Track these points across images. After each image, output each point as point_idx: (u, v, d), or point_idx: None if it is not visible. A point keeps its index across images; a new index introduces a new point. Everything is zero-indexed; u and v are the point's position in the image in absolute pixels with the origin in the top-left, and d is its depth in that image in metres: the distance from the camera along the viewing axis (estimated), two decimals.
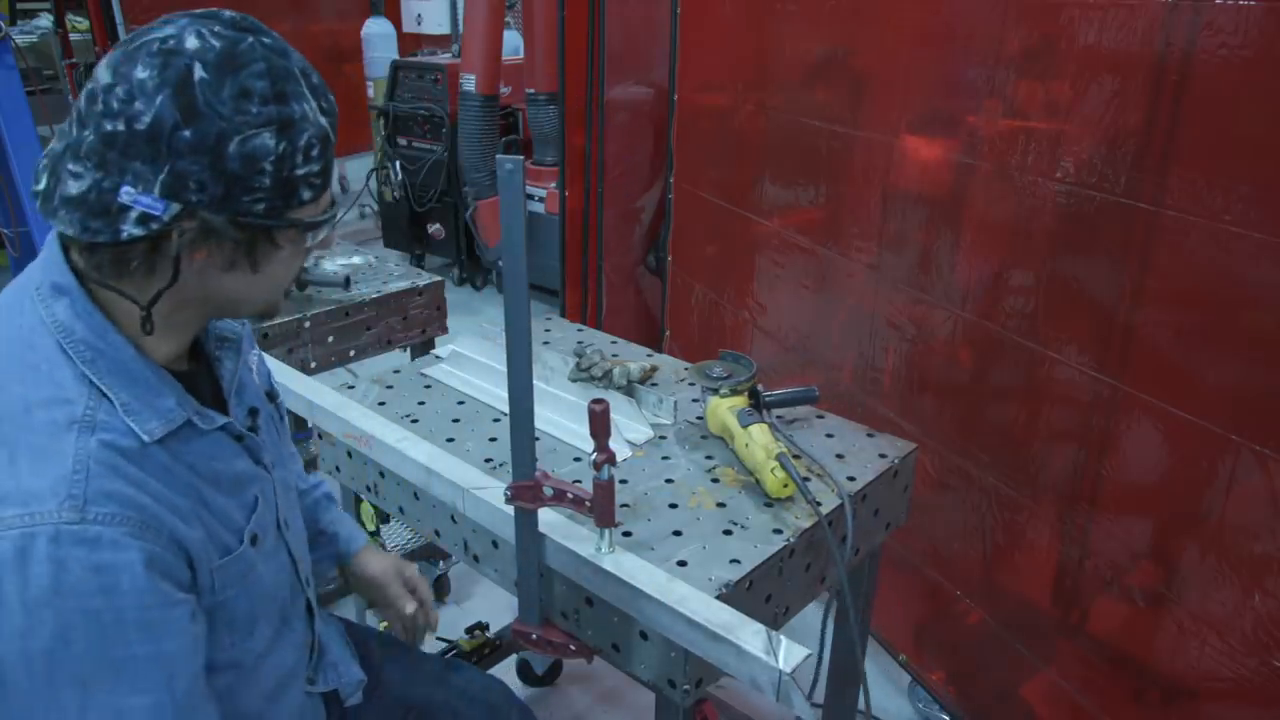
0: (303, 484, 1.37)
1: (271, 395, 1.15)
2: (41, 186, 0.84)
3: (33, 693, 0.80)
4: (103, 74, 0.82)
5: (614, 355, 1.84)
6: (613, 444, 1.38)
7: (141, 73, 0.80)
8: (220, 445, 0.98)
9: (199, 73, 0.80)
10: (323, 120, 0.87)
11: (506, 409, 1.21)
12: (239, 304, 0.96)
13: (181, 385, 0.94)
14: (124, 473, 0.85)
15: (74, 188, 0.82)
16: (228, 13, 0.86)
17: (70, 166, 0.82)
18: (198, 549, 0.91)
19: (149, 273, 0.86)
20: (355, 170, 6.43)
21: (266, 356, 1.25)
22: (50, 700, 0.81)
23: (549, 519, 1.29)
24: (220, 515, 0.96)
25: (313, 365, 2.13)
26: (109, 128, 0.80)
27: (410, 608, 1.39)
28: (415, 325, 2.32)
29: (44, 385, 0.85)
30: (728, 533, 1.31)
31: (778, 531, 1.31)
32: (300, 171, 0.85)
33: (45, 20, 6.61)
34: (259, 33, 0.85)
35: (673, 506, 1.37)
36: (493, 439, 1.56)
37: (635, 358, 1.83)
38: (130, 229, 0.81)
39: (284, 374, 1.67)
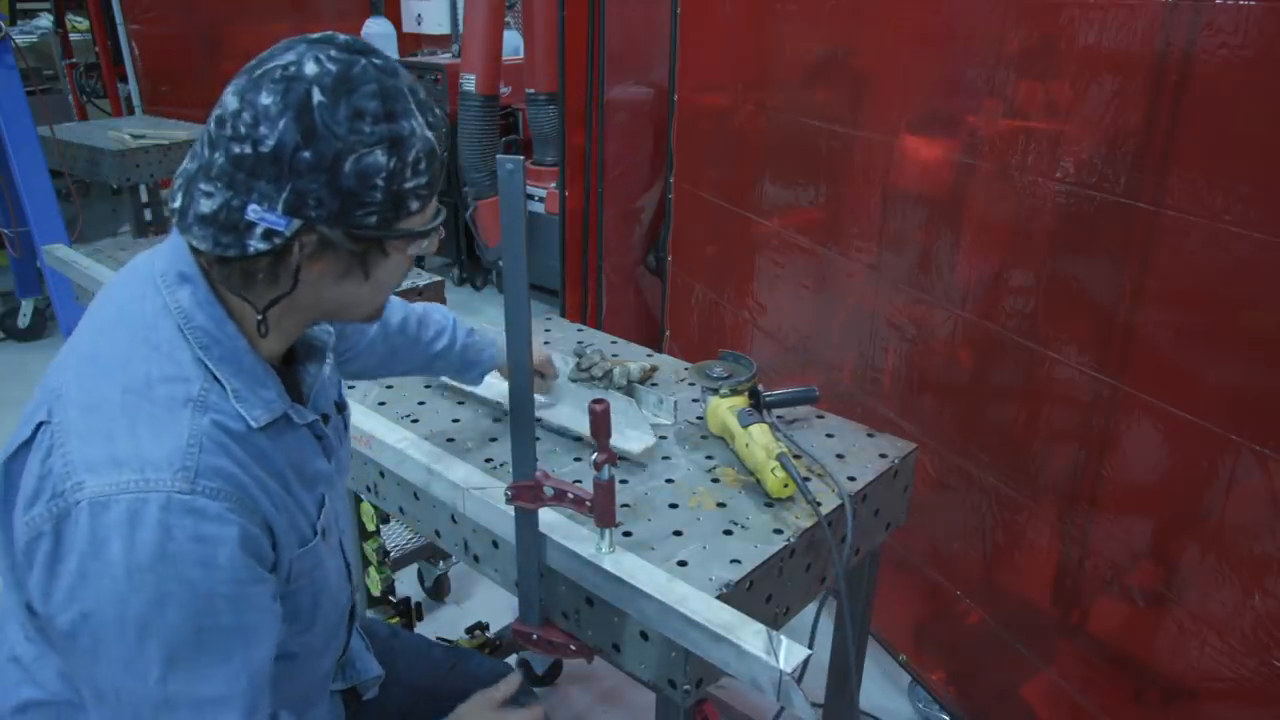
0: (426, 333, 1.46)
1: (340, 406, 1.19)
2: (177, 204, 0.91)
3: (121, 653, 0.85)
4: (230, 100, 0.87)
5: (614, 355, 1.84)
6: (635, 431, 1.40)
7: (266, 99, 0.85)
8: (305, 441, 1.05)
9: (317, 96, 0.85)
10: (429, 134, 0.91)
11: (508, 404, 1.21)
12: (349, 308, 1.01)
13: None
14: (230, 452, 0.91)
15: (206, 206, 0.88)
16: (342, 36, 0.91)
17: (202, 186, 0.88)
18: (282, 535, 0.97)
19: (271, 282, 0.93)
20: None
21: None
22: (136, 662, 0.85)
23: (549, 519, 1.29)
24: (300, 506, 1.02)
25: None
26: (237, 150, 0.86)
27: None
28: None
29: (165, 363, 0.91)
30: (728, 533, 1.31)
31: (778, 531, 1.31)
32: (409, 185, 0.90)
33: (45, 20, 6.61)
34: (370, 54, 0.90)
35: (673, 506, 1.37)
36: (493, 439, 1.56)
37: (635, 358, 1.83)
38: (256, 244, 0.88)
39: None
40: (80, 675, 0.91)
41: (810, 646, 1.05)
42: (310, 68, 0.86)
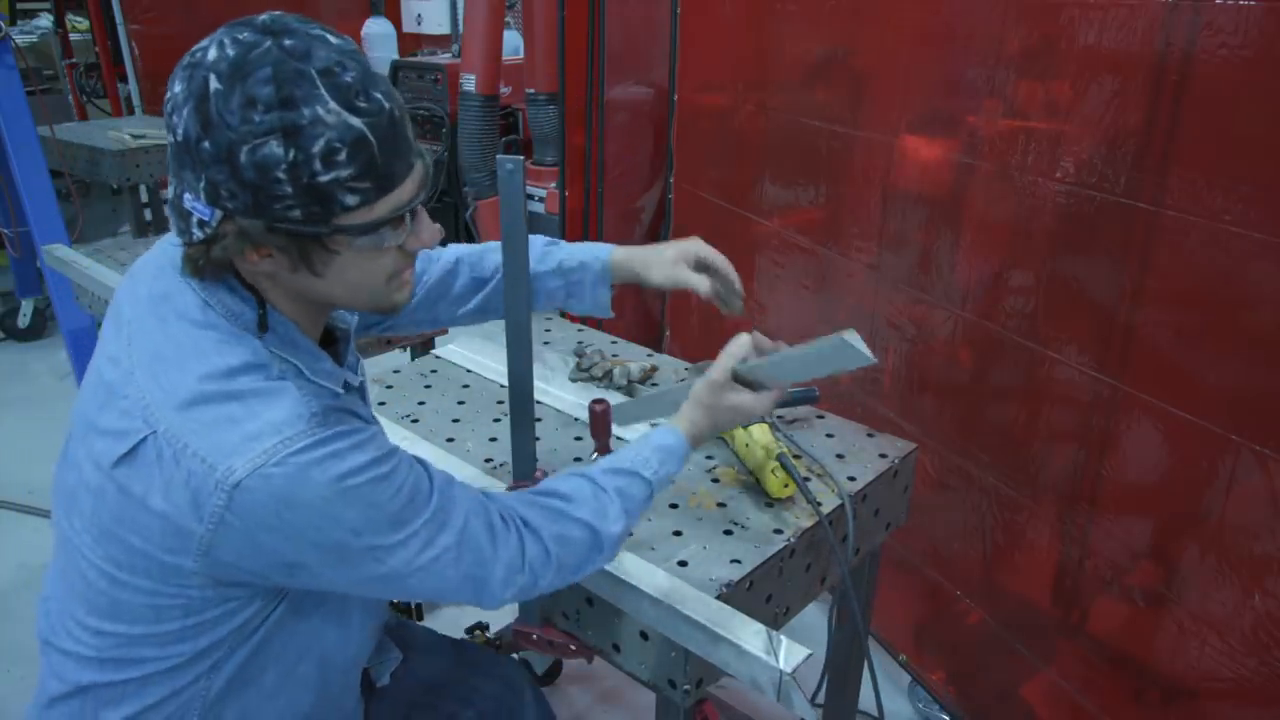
0: (489, 267, 1.40)
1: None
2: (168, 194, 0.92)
3: (373, 551, 0.92)
4: (168, 85, 0.87)
5: (614, 355, 1.84)
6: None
7: (177, 86, 0.85)
8: (358, 404, 1.06)
9: (214, 84, 0.82)
10: (354, 121, 0.84)
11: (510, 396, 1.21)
12: (333, 301, 0.99)
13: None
14: (332, 400, 0.96)
15: (168, 192, 0.90)
16: (261, 16, 0.87)
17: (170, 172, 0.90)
18: None
19: (222, 271, 0.93)
20: None
21: None
22: (387, 544, 0.93)
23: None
24: None
25: None
26: (168, 139, 0.87)
27: (706, 286, 1.36)
28: None
29: (235, 354, 0.92)
30: (728, 533, 1.31)
31: (778, 532, 1.31)
32: (324, 178, 0.84)
33: (45, 20, 6.61)
34: (284, 34, 0.85)
35: (673, 507, 1.37)
36: (493, 439, 1.56)
37: (635, 358, 1.83)
38: (196, 231, 0.88)
39: None
40: (334, 580, 0.96)
41: (827, 652, 1.04)
42: (212, 53, 0.83)
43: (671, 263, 1.35)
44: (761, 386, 1.20)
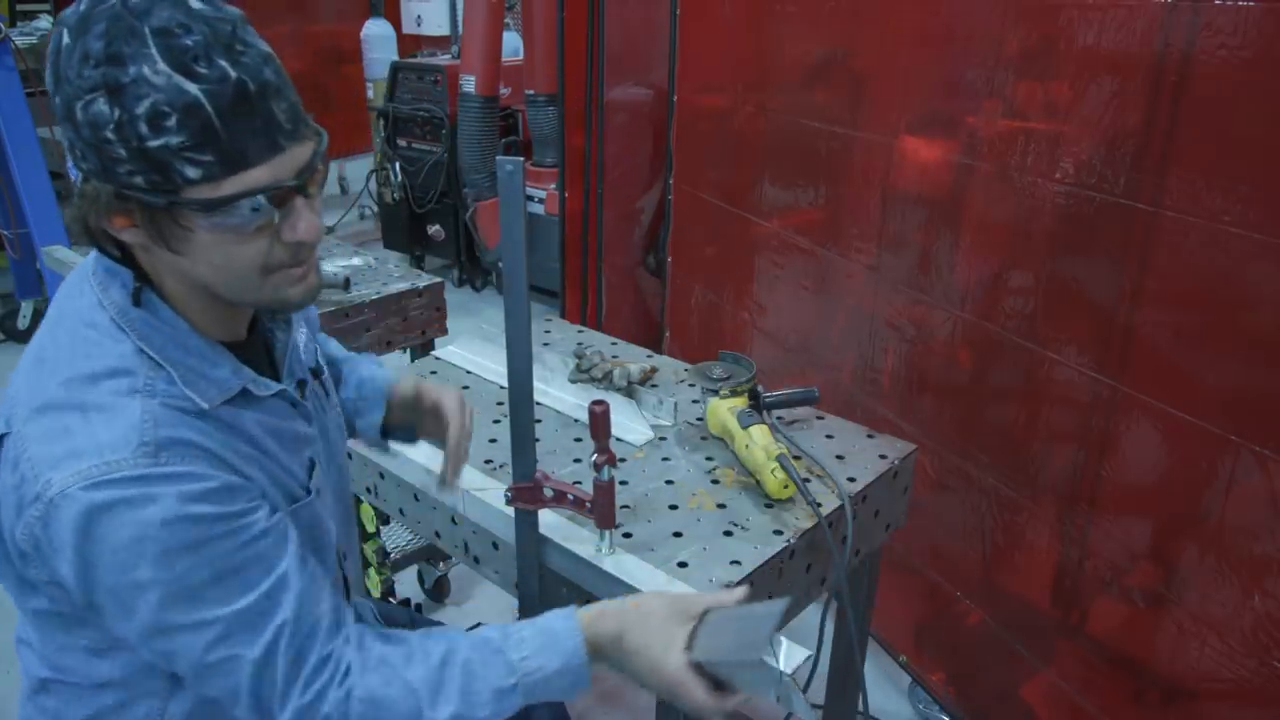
0: (341, 354, 1.37)
1: (315, 372, 1.16)
2: None
3: (151, 614, 0.87)
4: None
5: (614, 356, 1.84)
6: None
7: (53, 42, 0.83)
8: (279, 409, 1.02)
9: (64, 39, 0.81)
10: (187, 86, 0.78)
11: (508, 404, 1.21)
12: (214, 289, 0.92)
13: (236, 357, 0.98)
14: (188, 423, 0.90)
15: None
16: None
17: None
18: (266, 490, 0.96)
19: (102, 240, 0.91)
20: (355, 171, 6.44)
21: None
22: (167, 614, 0.87)
23: (549, 520, 1.29)
24: (283, 467, 1.01)
25: None
26: None
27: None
28: (415, 327, 2.32)
29: (107, 358, 0.90)
30: (728, 534, 1.31)
31: (778, 533, 1.31)
32: (153, 143, 0.79)
33: (45, 22, 6.59)
34: None
35: (673, 508, 1.37)
36: (493, 440, 1.56)
37: (635, 359, 1.83)
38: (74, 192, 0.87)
39: None
40: (127, 635, 0.92)
41: (818, 650, 1.03)
42: (70, 10, 0.82)
43: (413, 394, 1.28)
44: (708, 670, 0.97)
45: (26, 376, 0.93)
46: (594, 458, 1.18)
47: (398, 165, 5.09)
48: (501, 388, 1.67)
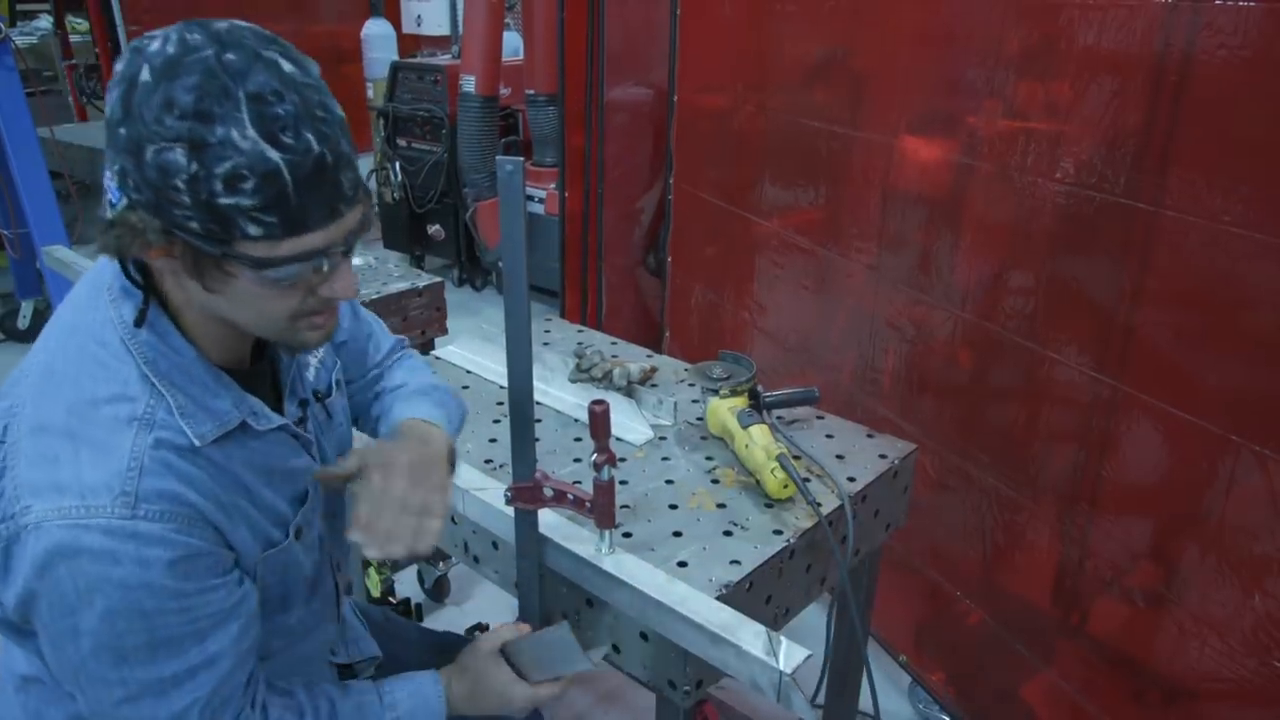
0: (391, 383, 1.34)
1: (320, 395, 1.15)
2: None
3: (76, 659, 0.90)
4: None
5: (614, 356, 1.84)
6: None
7: (119, 65, 0.84)
8: (277, 443, 1.02)
9: (144, 75, 0.80)
10: (270, 153, 0.79)
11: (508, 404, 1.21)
12: (235, 323, 0.94)
13: (241, 385, 0.98)
14: (176, 470, 0.90)
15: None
16: (223, 23, 0.84)
17: None
18: (241, 545, 0.97)
19: (126, 256, 0.89)
20: None
21: None
22: (90, 665, 0.90)
23: (549, 520, 1.29)
24: (267, 510, 1.01)
25: None
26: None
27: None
28: (415, 326, 2.32)
29: (111, 382, 0.91)
30: (728, 534, 1.31)
31: (778, 532, 1.31)
32: (225, 201, 0.80)
33: (45, 21, 6.62)
34: (232, 47, 0.81)
35: (673, 507, 1.37)
36: (493, 439, 1.56)
37: (635, 358, 1.83)
38: (107, 210, 0.86)
39: None
40: (51, 664, 0.95)
41: (825, 653, 1.04)
42: (155, 44, 0.82)
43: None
44: (528, 671, 1.20)
45: (34, 387, 0.93)
46: (594, 457, 1.18)
47: (398, 165, 5.09)
48: (501, 387, 1.67)
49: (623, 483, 1.42)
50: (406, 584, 2.61)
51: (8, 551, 0.87)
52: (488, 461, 1.48)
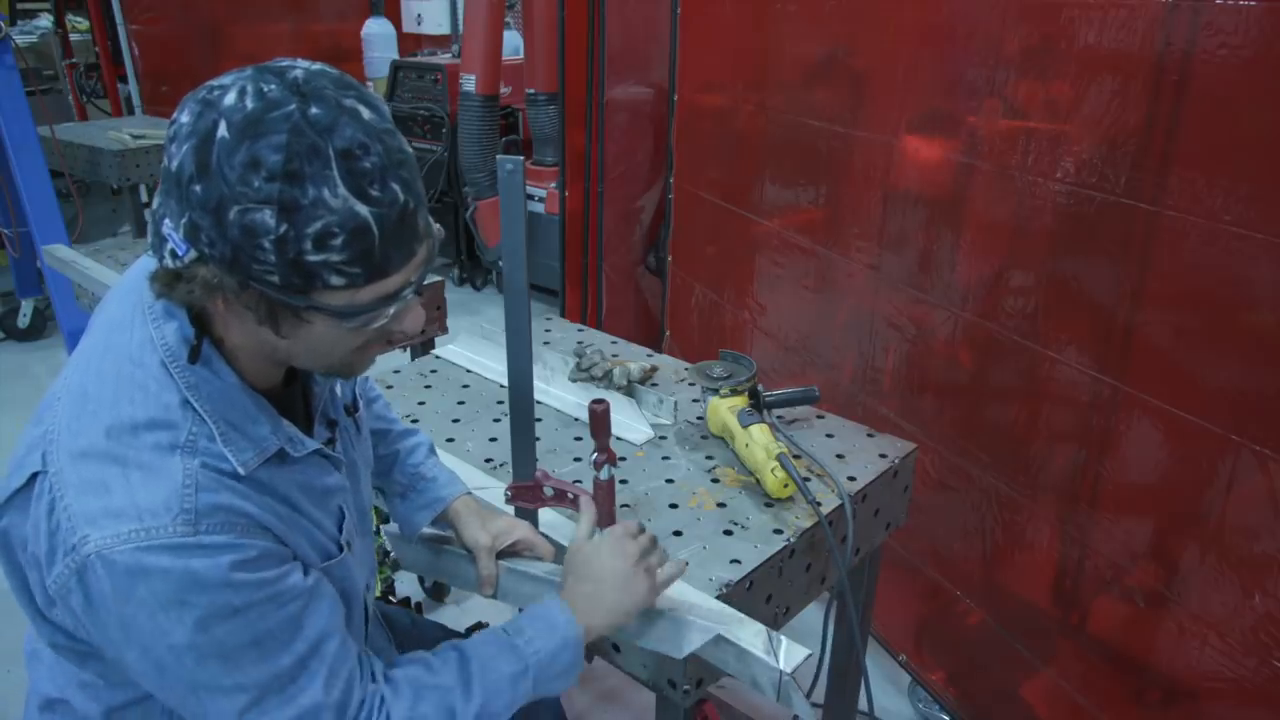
0: (398, 428, 1.36)
1: (349, 409, 1.15)
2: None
3: (185, 675, 0.87)
4: (179, 107, 0.83)
5: (614, 355, 1.84)
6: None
7: (185, 116, 0.80)
8: (311, 464, 1.01)
9: (221, 131, 0.77)
10: (360, 209, 0.78)
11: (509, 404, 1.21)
12: (289, 360, 0.93)
13: (275, 408, 0.97)
14: (228, 486, 0.89)
15: (154, 202, 0.85)
16: (298, 70, 0.81)
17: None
18: (301, 551, 0.96)
19: (193, 302, 0.87)
20: None
21: None
22: (200, 677, 0.88)
23: (549, 519, 1.29)
24: (317, 523, 1.00)
25: None
26: (163, 160, 0.82)
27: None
28: None
29: (151, 406, 0.89)
30: (728, 533, 1.31)
31: (778, 532, 1.31)
32: (313, 258, 0.79)
33: (45, 20, 6.61)
34: (314, 99, 0.79)
35: (673, 506, 1.37)
36: (493, 439, 1.56)
37: (635, 358, 1.83)
38: (167, 259, 0.83)
39: None
40: (157, 692, 0.92)
41: (822, 652, 1.04)
42: (230, 98, 0.78)
43: (482, 533, 1.25)
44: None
45: (69, 412, 0.91)
46: (594, 456, 1.19)
47: None
48: (501, 387, 1.68)
49: (623, 482, 1.42)
50: (407, 583, 2.61)
51: (83, 584, 0.85)
52: (488, 460, 1.48)
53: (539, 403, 1.60)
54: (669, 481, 1.44)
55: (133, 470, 0.86)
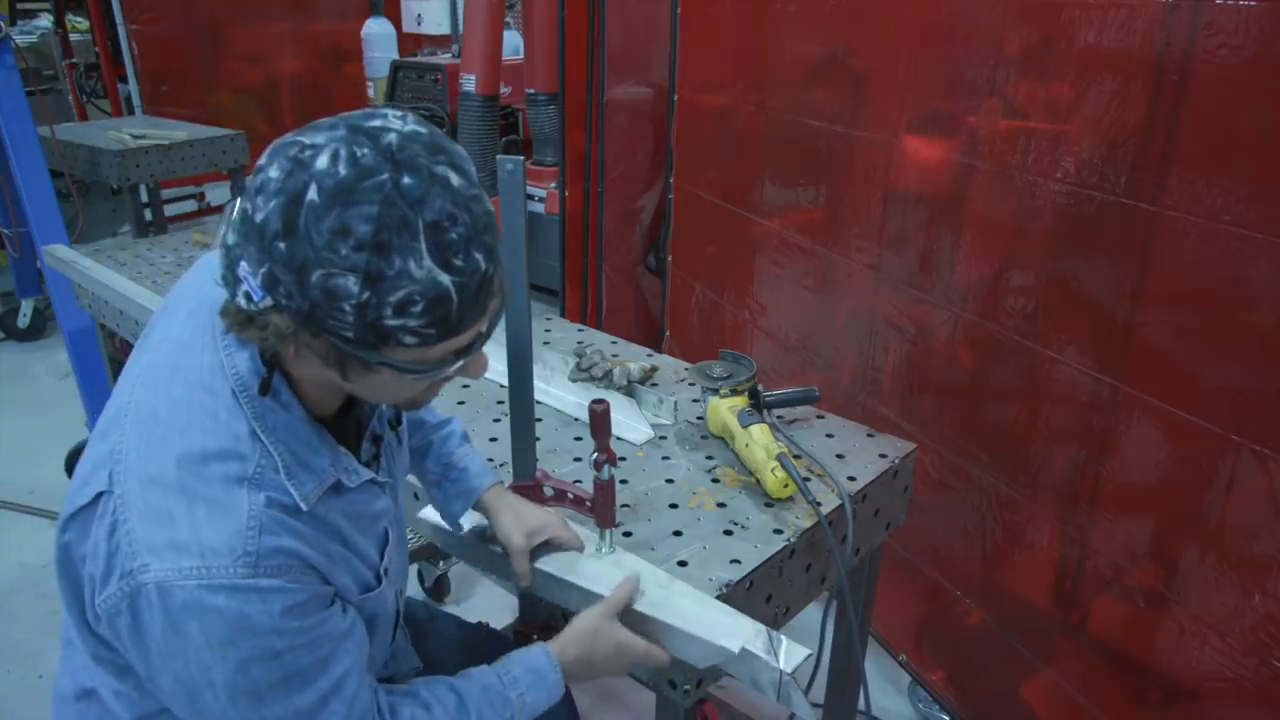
0: (432, 419, 1.37)
1: (393, 423, 1.15)
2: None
3: (217, 707, 0.89)
4: (264, 155, 0.83)
5: (614, 355, 1.84)
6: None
7: (274, 171, 0.80)
8: (362, 491, 1.02)
9: (311, 194, 0.78)
10: (443, 279, 0.79)
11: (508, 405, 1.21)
12: (357, 394, 0.95)
13: (333, 436, 0.98)
14: (288, 527, 0.91)
15: (229, 238, 0.84)
16: (391, 135, 0.81)
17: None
18: (342, 589, 0.99)
19: (265, 339, 0.87)
20: None
21: None
22: (230, 712, 0.90)
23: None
24: (362, 555, 1.02)
25: None
26: (245, 204, 0.82)
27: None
28: None
29: (222, 436, 0.90)
30: (728, 533, 1.31)
31: (778, 531, 1.31)
32: (391, 323, 0.80)
33: (45, 20, 6.61)
34: (407, 169, 0.79)
35: (673, 507, 1.37)
36: (493, 439, 1.56)
37: (635, 358, 1.83)
38: (240, 299, 0.84)
39: None
40: (180, 714, 0.94)
41: (820, 650, 1.04)
42: (322, 161, 0.78)
43: (516, 532, 1.25)
44: (649, 638, 1.15)
45: (137, 433, 0.91)
46: (594, 456, 1.19)
47: None
48: (502, 387, 1.67)
49: (623, 482, 1.42)
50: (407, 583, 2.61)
51: (134, 608, 0.87)
52: (488, 460, 1.48)
53: (539, 403, 1.60)
54: (669, 481, 1.44)
55: (199, 504, 0.88)
